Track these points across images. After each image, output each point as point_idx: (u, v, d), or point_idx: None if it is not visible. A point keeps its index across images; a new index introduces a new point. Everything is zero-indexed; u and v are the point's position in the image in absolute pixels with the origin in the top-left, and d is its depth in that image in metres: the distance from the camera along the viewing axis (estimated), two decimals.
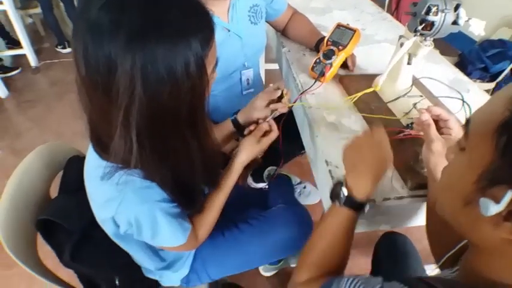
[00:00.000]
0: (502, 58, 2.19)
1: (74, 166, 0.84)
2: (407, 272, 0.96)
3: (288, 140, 0.93)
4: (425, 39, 0.81)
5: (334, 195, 0.66)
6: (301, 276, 0.65)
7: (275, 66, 1.62)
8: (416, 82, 1.02)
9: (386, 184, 0.78)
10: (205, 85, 0.57)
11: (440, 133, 0.68)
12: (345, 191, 0.64)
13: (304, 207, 1.01)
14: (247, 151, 0.83)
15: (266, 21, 1.29)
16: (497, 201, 0.34)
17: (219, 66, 0.64)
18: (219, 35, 1.06)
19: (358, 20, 1.66)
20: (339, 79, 1.11)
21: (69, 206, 0.74)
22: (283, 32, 1.38)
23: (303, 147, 1.14)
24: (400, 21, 2.48)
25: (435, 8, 0.73)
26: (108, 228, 0.66)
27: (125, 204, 0.59)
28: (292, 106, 0.92)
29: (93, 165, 0.62)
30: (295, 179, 1.70)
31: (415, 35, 0.80)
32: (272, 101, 0.87)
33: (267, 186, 1.71)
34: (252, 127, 0.86)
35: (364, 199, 0.64)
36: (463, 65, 2.29)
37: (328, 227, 0.66)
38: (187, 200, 0.69)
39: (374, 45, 1.39)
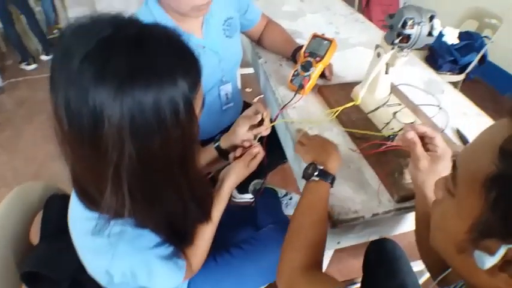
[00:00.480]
0: (469, 50, 2.25)
1: (54, 207, 0.80)
2: (399, 276, 0.97)
3: (271, 151, 0.92)
4: (402, 51, 0.81)
5: (307, 175, 0.74)
6: (295, 260, 0.68)
7: (250, 70, 1.62)
8: (394, 89, 1.04)
9: (373, 198, 0.79)
10: (195, 128, 0.56)
11: (426, 149, 0.69)
12: (320, 167, 0.74)
13: None
14: (237, 175, 0.82)
15: (241, 32, 1.27)
16: (491, 253, 0.35)
17: None
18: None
19: (331, 22, 1.67)
20: (318, 89, 1.11)
21: (54, 254, 0.70)
22: (258, 41, 1.37)
23: (285, 157, 1.14)
24: (371, 18, 2.53)
25: (411, 21, 0.74)
26: (101, 279, 0.63)
27: (119, 257, 0.56)
28: (274, 124, 0.91)
29: (81, 217, 0.59)
30: (281, 191, 1.70)
31: (392, 48, 0.81)
32: (253, 125, 0.86)
33: (252, 198, 1.71)
34: (238, 153, 0.85)
35: (334, 172, 0.74)
36: (433, 58, 2.34)
37: (310, 203, 0.72)
38: (180, 238, 0.68)
39: (349, 49, 1.40)
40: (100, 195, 0.53)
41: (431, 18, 0.76)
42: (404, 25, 0.74)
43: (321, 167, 0.74)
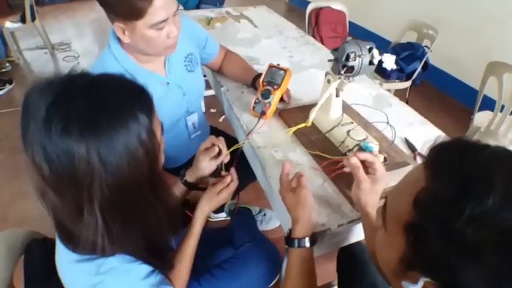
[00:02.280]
0: (413, 59, 2.47)
1: (35, 251, 0.82)
2: (369, 277, 1.06)
3: (241, 171, 0.99)
4: (348, 79, 0.92)
5: (287, 243, 0.81)
6: None
7: (211, 92, 1.70)
8: (347, 108, 1.15)
9: (337, 211, 0.88)
10: (157, 149, 0.63)
11: (367, 173, 0.80)
12: (286, 234, 0.81)
13: (270, 241, 1.08)
14: (208, 202, 0.89)
15: (201, 64, 1.35)
16: (415, 282, 0.43)
17: (164, 118, 0.70)
18: (159, 89, 1.10)
19: (284, 47, 1.79)
20: (279, 113, 1.20)
21: None
22: (218, 71, 1.45)
23: (254, 176, 1.21)
24: (321, 36, 2.70)
25: (353, 54, 0.85)
26: None
27: None
28: (233, 149, 0.99)
29: (69, 260, 0.62)
30: (254, 209, 1.77)
31: (339, 77, 0.91)
32: (214, 156, 0.94)
33: (226, 217, 1.77)
34: (215, 180, 0.92)
35: (300, 235, 0.78)
36: (382, 69, 2.53)
37: (293, 269, 0.78)
38: (161, 261, 0.72)
39: (303, 72, 1.51)
40: (80, 233, 0.58)
41: (370, 49, 0.87)
42: (347, 58, 0.85)
43: (286, 236, 0.81)
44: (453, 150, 0.44)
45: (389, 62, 0.93)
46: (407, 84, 2.57)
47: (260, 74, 1.31)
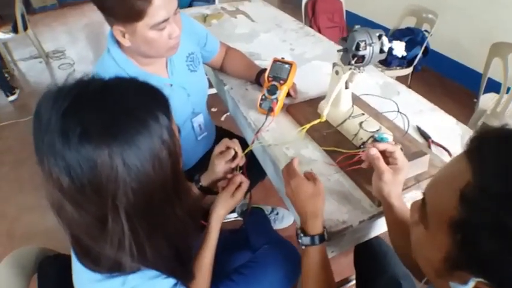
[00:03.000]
0: (413, 44, 2.44)
1: (49, 269, 0.80)
2: (389, 270, 1.04)
3: (250, 171, 0.96)
4: (358, 69, 0.89)
5: (299, 242, 0.77)
6: None
7: (213, 90, 1.67)
8: (356, 100, 1.12)
9: (357, 206, 0.85)
10: (178, 148, 0.60)
11: (387, 163, 0.77)
12: (299, 233, 0.77)
13: (287, 241, 1.06)
14: (223, 207, 0.86)
15: (203, 63, 1.31)
16: (463, 282, 0.40)
17: None
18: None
19: (284, 40, 1.75)
20: (286, 109, 1.17)
21: None
22: (220, 69, 1.42)
23: (263, 174, 1.18)
24: (319, 26, 2.66)
25: (363, 43, 0.82)
26: None
27: None
28: (247, 152, 0.95)
29: (89, 279, 0.60)
30: (267, 208, 1.75)
31: (350, 68, 0.88)
32: (229, 159, 0.91)
33: (237, 217, 1.74)
34: (224, 183, 0.89)
35: (315, 233, 0.75)
36: None
37: (308, 270, 0.76)
38: (185, 271, 0.70)
39: (306, 65, 1.48)
40: (101, 249, 0.55)
41: (380, 37, 0.84)
42: (357, 47, 0.82)
43: (302, 235, 0.76)
44: (498, 140, 0.41)
45: (400, 49, 0.89)
46: (408, 70, 2.53)
47: (264, 70, 1.28)
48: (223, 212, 0.86)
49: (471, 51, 2.92)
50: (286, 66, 1.11)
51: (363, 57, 0.84)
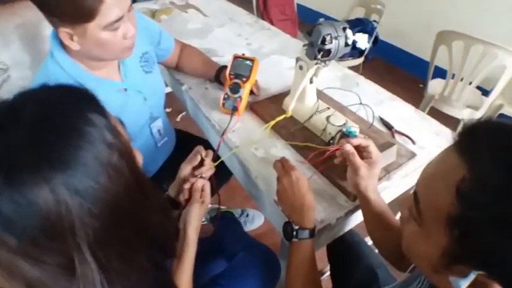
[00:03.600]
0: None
1: None
2: (364, 259, 1.05)
3: (217, 173, 0.92)
4: (324, 63, 0.87)
5: (288, 236, 0.76)
6: None
7: (167, 89, 1.58)
8: (320, 94, 1.11)
9: (332, 204, 0.84)
10: (128, 145, 0.53)
11: (362, 158, 0.77)
12: (295, 228, 0.74)
13: (262, 244, 1.02)
14: (196, 216, 0.80)
15: (157, 63, 1.23)
16: (463, 275, 0.40)
17: (127, 128, 0.59)
18: (117, 98, 0.98)
19: (240, 34, 1.70)
20: (250, 107, 1.13)
21: None
22: (176, 68, 1.34)
23: (229, 173, 1.13)
24: (271, 19, 2.64)
25: (329, 36, 0.80)
26: None
27: None
28: (218, 163, 0.90)
29: None
30: (236, 211, 1.70)
31: (316, 63, 0.86)
32: (195, 167, 0.85)
33: (205, 221, 1.68)
34: (186, 194, 0.84)
35: (311, 224, 0.75)
36: None
37: (297, 265, 0.75)
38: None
39: (265, 60, 1.44)
40: None
41: (344, 29, 0.82)
42: (323, 41, 0.79)
43: (297, 227, 0.74)
44: (490, 133, 0.41)
45: (363, 41, 0.89)
46: (360, 60, 2.60)
47: (223, 67, 1.23)
48: (197, 222, 0.80)
49: (415, 39, 3.07)
50: (248, 62, 1.07)
51: (329, 51, 0.82)
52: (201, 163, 0.85)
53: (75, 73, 0.88)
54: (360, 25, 2.50)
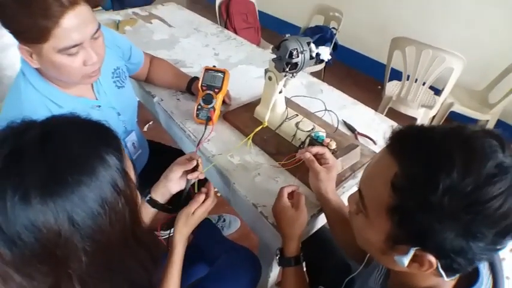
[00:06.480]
0: (323, 41, 2.63)
1: None
2: (337, 253, 1.12)
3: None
4: (292, 75, 0.94)
5: (277, 262, 0.85)
6: None
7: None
8: (289, 102, 1.18)
9: (305, 203, 0.90)
10: (135, 193, 0.56)
11: (320, 164, 0.87)
12: (277, 257, 0.84)
13: (242, 246, 1.07)
14: (185, 224, 0.82)
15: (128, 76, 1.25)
16: (405, 253, 0.49)
17: None
18: (92, 115, 0.99)
19: (207, 45, 1.74)
20: (223, 116, 1.18)
21: None
22: (146, 80, 1.35)
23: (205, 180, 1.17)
24: (235, 28, 2.70)
25: (295, 51, 0.87)
26: None
27: None
28: (207, 169, 0.94)
29: None
30: (213, 217, 1.73)
31: (285, 75, 0.93)
32: (186, 171, 0.87)
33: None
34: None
35: (294, 254, 0.81)
36: None
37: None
38: None
39: (233, 70, 1.49)
40: None
41: (309, 44, 0.90)
42: (290, 56, 0.86)
43: (278, 256, 0.84)
44: (412, 136, 0.50)
45: (326, 53, 0.97)
46: (321, 66, 2.72)
47: (194, 78, 1.27)
48: (186, 230, 0.82)
49: (372, 44, 3.26)
50: (220, 74, 1.12)
51: (296, 64, 0.89)
52: (193, 168, 0.87)
53: (49, 92, 0.88)
54: (319, 32, 2.63)
